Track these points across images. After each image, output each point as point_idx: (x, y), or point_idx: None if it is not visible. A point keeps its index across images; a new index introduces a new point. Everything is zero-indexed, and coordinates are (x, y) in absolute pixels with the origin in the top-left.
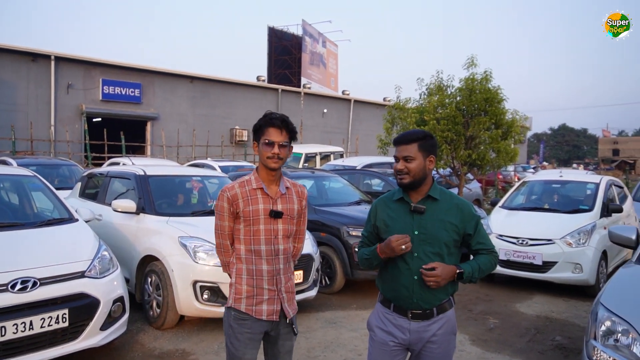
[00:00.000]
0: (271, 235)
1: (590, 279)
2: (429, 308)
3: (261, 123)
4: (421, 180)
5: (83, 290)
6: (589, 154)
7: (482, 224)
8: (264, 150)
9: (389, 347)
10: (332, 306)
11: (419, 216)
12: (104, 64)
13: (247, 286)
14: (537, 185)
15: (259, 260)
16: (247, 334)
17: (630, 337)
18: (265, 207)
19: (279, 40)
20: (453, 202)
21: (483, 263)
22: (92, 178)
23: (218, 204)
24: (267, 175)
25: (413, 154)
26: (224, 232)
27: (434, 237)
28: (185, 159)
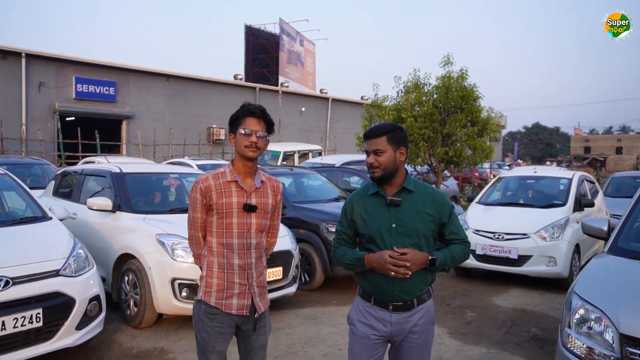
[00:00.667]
0: (244, 229)
1: (563, 271)
2: (410, 299)
3: (239, 113)
4: (393, 172)
5: (58, 289)
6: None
7: (456, 214)
8: (242, 139)
9: (371, 341)
10: (312, 302)
11: (395, 209)
12: (77, 62)
13: (218, 280)
14: (512, 181)
15: (230, 254)
16: (217, 327)
17: (603, 324)
18: (239, 200)
19: (256, 39)
20: (428, 193)
21: (455, 252)
22: (66, 176)
23: (191, 195)
24: (243, 167)
25: (382, 147)
26: (197, 224)
27: (411, 229)
28: (162, 157)
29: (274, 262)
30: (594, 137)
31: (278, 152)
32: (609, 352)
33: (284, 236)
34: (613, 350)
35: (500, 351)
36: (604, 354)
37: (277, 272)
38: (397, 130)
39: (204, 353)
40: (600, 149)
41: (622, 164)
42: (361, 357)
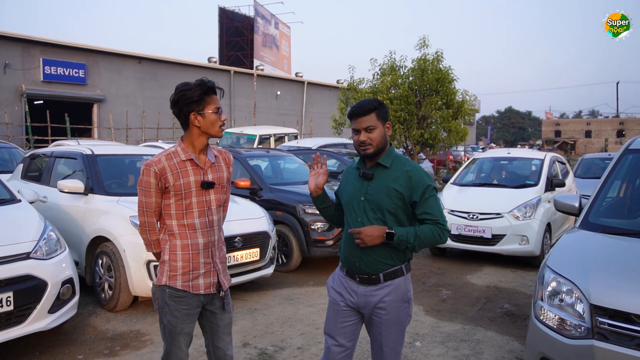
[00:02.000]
0: (204, 207)
1: (535, 249)
2: (374, 273)
3: (202, 92)
4: (383, 148)
5: (29, 272)
6: (534, 135)
7: (434, 194)
8: (214, 118)
9: (340, 307)
10: (289, 284)
11: (367, 182)
12: (44, 43)
13: (183, 262)
14: (486, 163)
15: (194, 234)
16: (185, 309)
17: (574, 296)
18: (196, 179)
19: (230, 21)
20: (404, 169)
21: (422, 231)
22: (34, 159)
23: (143, 179)
24: (200, 145)
25: (374, 123)
26: (150, 209)
27: (376, 204)
28: (135, 141)
29: (251, 244)
30: (564, 121)
31: (254, 135)
32: (580, 322)
33: (261, 217)
34: (584, 321)
35: (474, 327)
36: (575, 324)
37: (254, 253)
38: (383, 106)
39: (172, 335)
40: (571, 132)
41: (591, 147)
42: (332, 321)
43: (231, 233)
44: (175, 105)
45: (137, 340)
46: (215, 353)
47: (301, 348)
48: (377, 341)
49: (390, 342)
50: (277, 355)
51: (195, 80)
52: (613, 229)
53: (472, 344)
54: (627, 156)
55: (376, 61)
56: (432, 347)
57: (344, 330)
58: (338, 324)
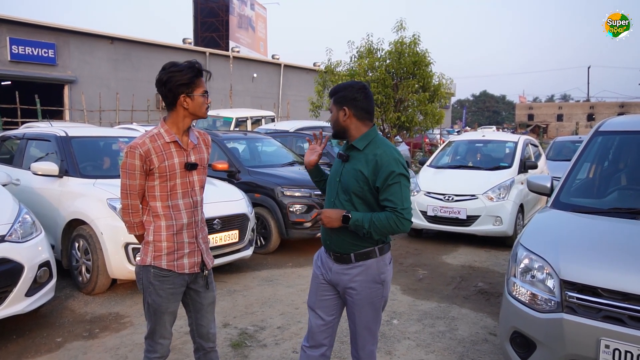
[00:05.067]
0: (188, 188)
1: (509, 230)
2: (345, 253)
3: (192, 74)
4: (341, 131)
5: (4, 255)
6: (507, 119)
7: (399, 181)
8: (202, 101)
9: (319, 280)
10: (268, 265)
11: (343, 165)
12: (11, 21)
13: (168, 242)
14: (461, 145)
15: (178, 215)
16: (170, 289)
17: (545, 272)
18: (180, 160)
19: (205, 2)
20: (374, 153)
21: (378, 218)
22: (5, 141)
23: (127, 162)
24: (184, 126)
25: (331, 108)
26: (134, 192)
27: (345, 186)
28: (108, 124)
29: (230, 226)
30: (537, 105)
31: (230, 118)
32: (550, 296)
33: (240, 199)
34: (554, 295)
35: (450, 305)
36: (546, 299)
37: (233, 235)
38: (341, 91)
39: (157, 315)
40: (543, 116)
41: (562, 130)
42: (313, 294)
43: (210, 215)
44: (164, 86)
45: (117, 323)
46: (198, 331)
47: (281, 327)
48: (351, 320)
49: (362, 322)
50: (257, 335)
51: (184, 62)
52: (582, 208)
53: (448, 321)
54: (597, 138)
55: (353, 44)
56: (409, 324)
57: (323, 304)
58: (318, 297)
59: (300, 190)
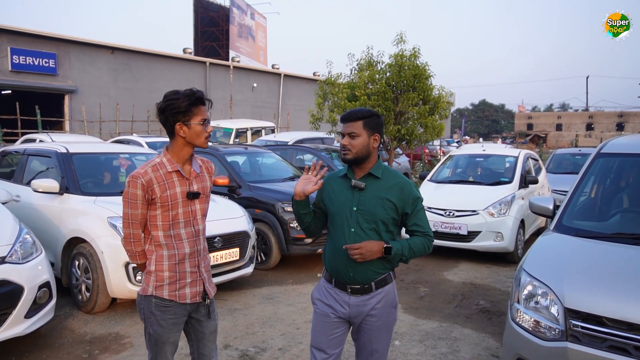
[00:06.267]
0: (190, 217)
1: (509, 246)
2: (367, 283)
3: (189, 102)
4: (364, 157)
5: (4, 277)
6: (507, 128)
7: (422, 207)
8: (200, 129)
9: (330, 319)
10: (269, 282)
11: (359, 193)
12: (12, 31)
13: (169, 272)
14: (462, 159)
15: (180, 244)
16: (171, 319)
17: (549, 299)
18: (182, 189)
19: (205, 11)
20: (395, 181)
21: (415, 243)
22: (6, 157)
23: (129, 191)
24: (186, 155)
25: (358, 131)
26: (136, 221)
27: (371, 214)
28: (108, 134)
29: (230, 244)
30: (536, 114)
31: (230, 129)
32: (555, 324)
33: (240, 217)
34: (558, 323)
35: (451, 324)
36: (550, 327)
37: (234, 253)
38: (374, 117)
39: (158, 345)
40: (542, 125)
41: (562, 140)
42: (321, 335)
43: (211, 233)
44: (162, 114)
45: (116, 343)
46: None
47: (282, 349)
48: (367, 348)
49: (380, 347)
50: (258, 356)
51: (185, 90)
52: (586, 232)
53: (450, 342)
54: (599, 160)
55: (353, 56)
56: (411, 345)
57: (334, 342)
58: (327, 336)
59: None
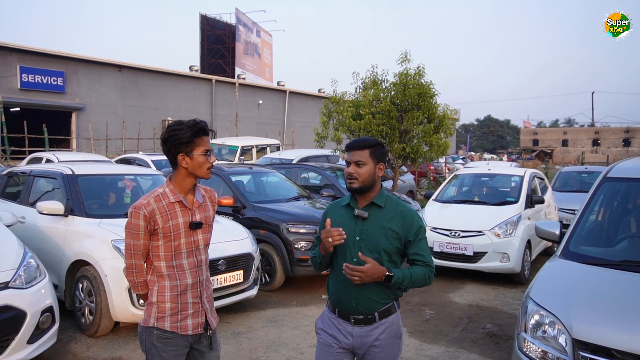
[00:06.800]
0: (192, 247)
1: (516, 267)
2: (370, 313)
3: (191, 133)
4: (370, 186)
5: (7, 303)
6: (512, 143)
7: (425, 237)
8: (202, 160)
9: (334, 350)
10: (273, 304)
11: (362, 222)
12: (22, 50)
13: (171, 303)
14: (467, 179)
15: (182, 275)
16: (173, 351)
17: (556, 329)
18: (184, 220)
19: (211, 29)
20: (398, 210)
21: (416, 273)
22: (12, 177)
23: (131, 222)
24: (188, 185)
25: (364, 160)
26: (138, 252)
27: (374, 244)
28: (114, 152)
29: (234, 266)
30: (541, 130)
31: (235, 146)
32: (562, 355)
33: (245, 238)
34: (566, 354)
35: (458, 349)
36: (558, 357)
37: (238, 275)
38: (380, 146)
39: None
40: (548, 141)
41: (568, 156)
42: None
43: (214, 256)
44: (165, 144)
45: None
46: None
47: None
48: None
49: None
50: None
51: (188, 120)
52: (593, 259)
53: None
54: (605, 184)
55: (358, 75)
56: None
57: None
58: None
59: (305, 227)
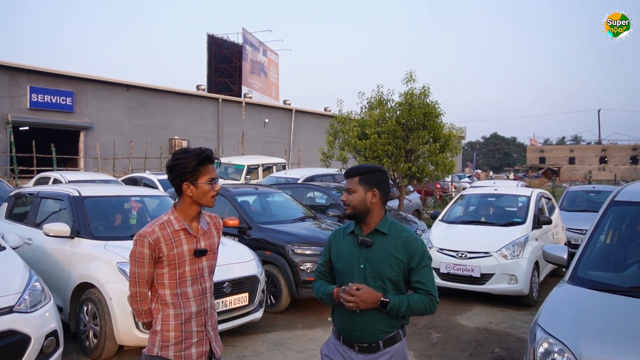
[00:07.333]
0: (197, 274)
1: (524, 289)
2: (374, 341)
3: (197, 162)
4: (363, 213)
5: (12, 327)
6: (519, 161)
7: (429, 264)
8: (207, 189)
9: None
10: (278, 326)
11: (366, 250)
12: (32, 71)
13: (175, 332)
14: (473, 199)
15: (187, 303)
16: None
17: (565, 357)
18: (189, 247)
19: (219, 49)
20: (402, 237)
21: (414, 301)
22: (20, 198)
23: (136, 250)
24: (193, 213)
25: (353, 187)
26: (143, 280)
27: (377, 272)
28: (121, 171)
29: (239, 288)
30: (548, 148)
31: (242, 165)
32: None
33: (250, 261)
34: None
35: None
36: None
37: (243, 298)
38: (372, 173)
39: None
40: (555, 159)
41: (575, 174)
42: None
43: (220, 279)
44: (170, 172)
45: None
46: None
47: None
48: None
49: None
50: None
51: (194, 149)
52: (601, 285)
53: None
54: (613, 208)
55: (364, 94)
56: None
57: None
58: None
59: (311, 248)
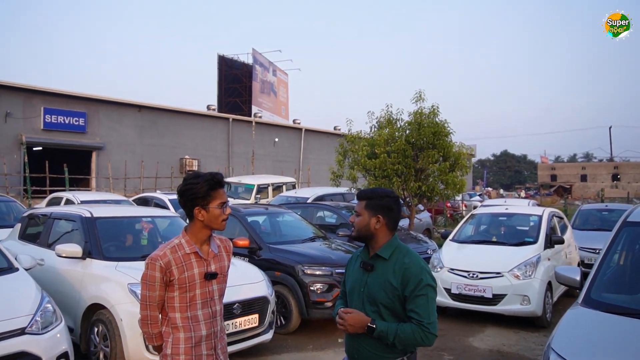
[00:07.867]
0: (207, 297)
1: (537, 310)
2: None
3: (208, 187)
4: (367, 236)
5: (23, 349)
6: (529, 178)
7: (427, 293)
8: (218, 213)
9: None
10: (288, 348)
11: (368, 274)
12: (45, 92)
13: (186, 355)
14: (484, 218)
15: (197, 326)
16: None
17: None
18: (200, 271)
19: (229, 69)
20: (402, 261)
21: (403, 330)
22: (33, 219)
23: (147, 273)
24: (204, 236)
25: (359, 210)
26: (154, 303)
27: (372, 297)
28: (132, 190)
29: (249, 310)
30: (559, 165)
31: (252, 185)
32: None
33: (260, 281)
34: None
35: None
36: None
37: (253, 319)
38: (379, 199)
39: None
40: (566, 176)
41: (587, 191)
42: None
43: (230, 300)
44: (181, 197)
45: None
46: None
47: None
48: None
49: None
50: None
51: (205, 174)
52: (615, 308)
53: None
54: (625, 229)
55: (373, 114)
56: None
57: None
58: None
59: (321, 269)
